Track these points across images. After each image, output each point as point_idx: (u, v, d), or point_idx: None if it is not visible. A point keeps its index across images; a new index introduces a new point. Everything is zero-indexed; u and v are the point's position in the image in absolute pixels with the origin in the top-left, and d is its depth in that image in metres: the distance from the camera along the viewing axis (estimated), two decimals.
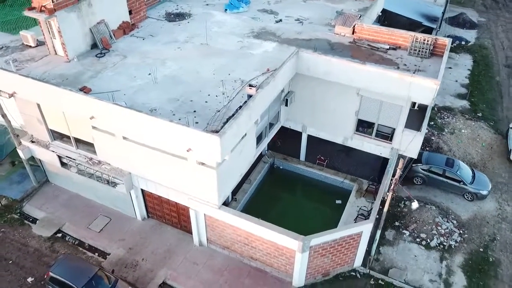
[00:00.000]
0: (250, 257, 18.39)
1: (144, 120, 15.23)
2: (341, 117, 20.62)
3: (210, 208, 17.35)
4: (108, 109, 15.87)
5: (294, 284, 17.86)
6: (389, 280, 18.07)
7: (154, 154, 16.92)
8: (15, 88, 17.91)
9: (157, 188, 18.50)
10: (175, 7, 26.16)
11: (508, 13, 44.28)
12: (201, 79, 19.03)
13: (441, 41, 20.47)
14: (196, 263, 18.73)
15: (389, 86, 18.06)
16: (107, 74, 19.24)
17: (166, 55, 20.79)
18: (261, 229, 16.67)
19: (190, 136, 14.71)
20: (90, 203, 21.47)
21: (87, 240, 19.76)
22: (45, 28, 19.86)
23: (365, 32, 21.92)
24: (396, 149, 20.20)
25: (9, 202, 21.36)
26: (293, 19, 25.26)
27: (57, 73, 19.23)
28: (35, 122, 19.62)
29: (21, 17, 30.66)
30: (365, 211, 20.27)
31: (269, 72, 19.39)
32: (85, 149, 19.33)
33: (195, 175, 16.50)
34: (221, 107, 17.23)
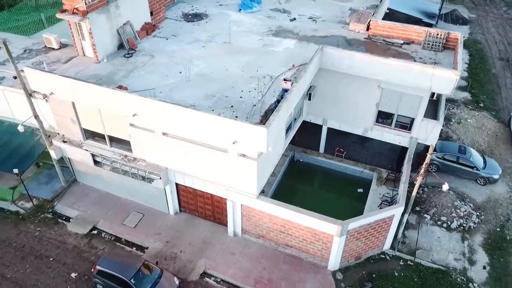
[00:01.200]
0: (286, 244, 19.24)
1: (192, 115, 15.91)
2: (362, 109, 21.65)
3: (248, 198, 18.13)
4: (153, 106, 16.48)
5: (330, 268, 18.79)
6: (417, 261, 19.17)
7: (194, 148, 17.61)
8: (53, 89, 18.32)
9: (194, 182, 19.17)
10: (190, 7, 26.82)
11: (496, 9, 46.26)
12: (231, 76, 19.79)
13: (453, 35, 21.75)
14: (233, 252, 19.47)
15: (411, 78, 19.15)
16: (139, 73, 19.82)
17: (192, 54, 21.47)
18: (300, 216, 17.55)
19: (237, 129, 15.48)
20: (120, 200, 21.95)
21: (123, 235, 20.27)
22: (75, 30, 20.31)
23: (380, 28, 23.04)
24: (415, 138, 21.37)
25: (41, 202, 21.68)
26: (306, 17, 26.25)
27: (90, 73, 19.70)
28: (68, 122, 20.04)
29: (32, 21, 30.94)
30: (388, 198, 21.34)
31: (294, 68, 20.35)
32: (119, 147, 19.87)
33: (235, 166, 17.26)
34: (255, 101, 18.04)
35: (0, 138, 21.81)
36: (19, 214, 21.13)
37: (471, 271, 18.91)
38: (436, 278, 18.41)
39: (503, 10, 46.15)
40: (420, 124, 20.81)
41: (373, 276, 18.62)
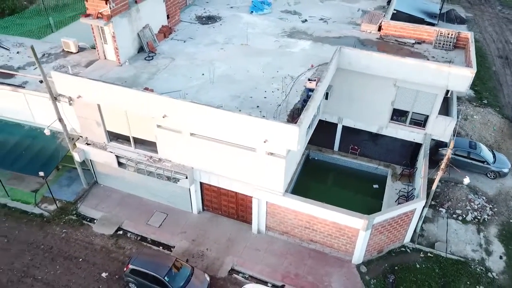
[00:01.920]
0: (310, 240, 19.78)
1: (224, 116, 16.35)
2: (377, 107, 22.29)
3: (274, 195, 18.64)
4: (185, 107, 16.88)
5: (354, 262, 19.38)
6: (436, 253, 19.86)
7: (222, 148, 18.07)
8: (81, 92, 18.61)
9: (220, 181, 19.61)
10: (203, 10, 27.25)
11: (491, 8, 47.45)
12: (252, 77, 20.28)
13: (463, 34, 22.55)
14: (258, 249, 19.96)
15: (427, 76, 19.84)
16: (163, 75, 20.21)
17: (212, 56, 21.90)
18: (326, 211, 18.12)
19: (269, 128, 15.97)
20: (143, 201, 22.29)
21: (149, 235, 20.62)
22: (97, 34, 20.61)
23: (392, 29, 23.74)
24: (430, 134, 22.09)
25: (64, 204, 21.92)
26: (317, 18, 26.86)
27: (113, 76, 20.03)
28: (92, 124, 20.33)
29: (41, 25, 31.03)
30: (405, 193, 22.00)
31: (313, 68, 20.94)
32: (144, 148, 20.23)
33: (263, 165, 17.76)
34: (279, 101, 18.57)
35: (22, 142, 21.92)
36: (43, 216, 21.34)
37: (489, 261, 19.66)
38: (456, 269, 19.12)
39: (498, 9, 47.35)
40: (435, 121, 21.55)
41: (395, 269, 19.26)
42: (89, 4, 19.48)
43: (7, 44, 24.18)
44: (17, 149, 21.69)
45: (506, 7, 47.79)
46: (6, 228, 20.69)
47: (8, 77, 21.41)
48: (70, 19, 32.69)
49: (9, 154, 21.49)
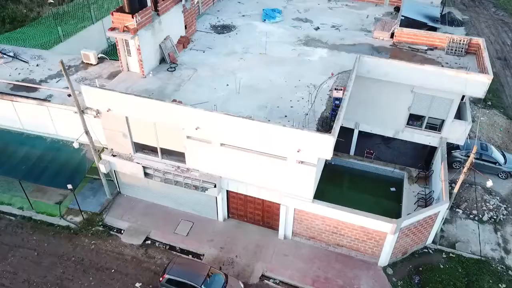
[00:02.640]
0: (337, 244, 20.34)
1: (258, 127, 16.78)
2: (394, 113, 22.94)
3: (303, 202, 19.15)
4: (218, 119, 17.25)
5: (380, 264, 19.99)
6: (458, 253, 20.59)
7: (252, 157, 18.51)
8: (111, 105, 18.85)
9: (248, 189, 20.04)
10: (216, 19, 27.63)
11: (485, 10, 48.74)
12: (276, 86, 20.75)
13: (474, 40, 23.35)
14: (286, 254, 20.43)
15: (445, 82, 20.51)
16: (188, 87, 20.55)
17: (233, 66, 22.31)
18: (355, 216, 18.69)
19: (302, 138, 16.46)
20: (167, 210, 22.58)
21: (177, 244, 20.93)
22: (121, 46, 20.84)
23: (405, 36, 24.45)
24: (445, 138, 22.83)
25: (89, 215, 22.09)
26: (329, 26, 27.48)
27: (140, 88, 20.30)
28: (119, 136, 20.57)
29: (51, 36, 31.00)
30: (423, 195, 22.69)
31: (333, 76, 21.51)
32: (171, 158, 20.54)
33: (293, 173, 18.24)
34: (306, 110, 19.08)
35: (46, 155, 22.03)
36: (70, 228, 21.50)
37: (508, 259, 20.47)
38: (478, 268, 19.87)
39: (492, 11, 48.66)
40: (451, 125, 22.30)
41: (420, 269, 19.93)
42: (115, 18, 19.72)
43: (25, 57, 24.24)
44: (42, 162, 21.80)
45: (499, 9, 49.14)
46: (35, 241, 20.81)
47: (32, 90, 21.51)
48: (74, 28, 32.64)
49: (35, 167, 21.58)
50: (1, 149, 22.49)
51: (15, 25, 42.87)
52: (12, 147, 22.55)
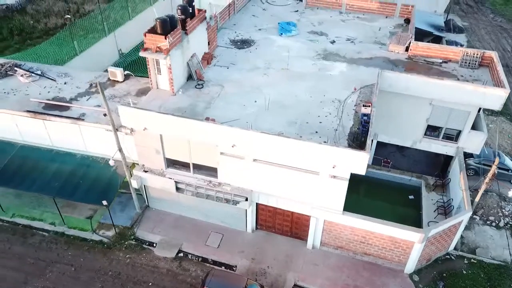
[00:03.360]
0: (364, 253, 21.18)
1: (294, 144, 17.55)
2: (413, 124, 23.84)
3: (333, 214, 19.96)
4: (254, 137, 17.99)
5: (406, 271, 20.88)
6: (479, 259, 21.56)
7: (284, 172, 19.26)
8: (147, 125, 19.47)
9: (279, 202, 20.78)
10: (235, 34, 28.32)
11: (484, 17, 50.12)
12: (302, 102, 21.53)
13: (487, 54, 24.39)
14: (316, 264, 21.23)
15: (463, 96, 21.49)
16: (218, 104, 21.23)
17: (258, 82, 23.03)
18: (383, 227, 19.55)
19: (338, 155, 17.27)
20: (196, 222, 23.23)
21: (209, 256, 21.60)
22: (152, 65, 21.44)
23: (420, 49, 25.41)
24: (462, 148, 23.81)
25: (121, 230, 22.65)
26: (344, 39, 28.36)
27: (172, 106, 20.93)
28: (151, 153, 21.17)
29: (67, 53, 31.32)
30: (442, 203, 23.63)
31: (356, 91, 22.37)
32: (202, 173, 21.20)
33: (324, 186, 19.05)
34: (335, 125, 19.90)
35: (77, 171, 22.54)
36: (103, 243, 22.04)
37: None
38: (499, 272, 20.86)
39: (490, 17, 50.05)
40: (467, 135, 23.28)
41: (443, 275, 20.86)
42: (148, 39, 20.33)
43: (51, 75, 24.71)
44: (74, 179, 22.31)
45: (497, 15, 50.55)
46: (71, 257, 21.32)
47: (64, 109, 22.02)
48: (88, 41, 33.11)
49: (67, 184, 22.09)
50: (32, 166, 22.96)
51: (24, 37, 43.34)
52: (43, 164, 23.03)
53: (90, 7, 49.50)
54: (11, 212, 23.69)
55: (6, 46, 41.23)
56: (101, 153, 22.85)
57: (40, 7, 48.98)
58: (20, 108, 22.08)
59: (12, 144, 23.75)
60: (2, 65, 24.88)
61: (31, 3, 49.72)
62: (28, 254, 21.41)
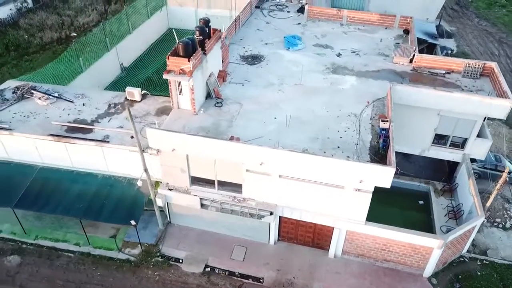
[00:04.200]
0: (384, 259, 22.20)
1: (321, 161, 18.41)
2: (421, 133, 24.99)
3: (356, 224, 20.90)
4: (282, 156, 18.76)
5: (425, 275, 22.00)
6: (490, 259, 22.86)
7: (309, 186, 20.10)
8: (175, 146, 20.01)
9: (302, 215, 21.60)
10: (243, 49, 29.02)
11: (470, 21, 52.06)
12: (320, 117, 22.42)
13: (488, 64, 25.76)
14: (339, 272, 22.14)
15: (470, 107, 22.77)
16: (239, 122, 21.92)
17: (274, 99, 23.81)
18: (404, 235, 20.61)
19: (365, 170, 18.20)
20: (219, 236, 23.84)
21: (235, 269, 22.26)
22: (174, 86, 21.97)
23: (424, 61, 26.66)
24: (468, 154, 25.12)
25: (146, 247, 23.10)
26: (349, 51, 29.40)
27: (195, 126, 21.53)
28: (176, 171, 21.70)
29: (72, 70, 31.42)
30: (452, 208, 24.86)
31: (369, 104, 23.39)
32: (226, 189, 21.84)
33: (349, 199, 19.97)
34: (354, 140, 20.86)
35: (101, 191, 22.87)
36: (130, 261, 22.46)
37: None
38: (511, 272, 22.16)
39: (475, 22, 52.02)
40: (473, 142, 24.59)
41: (459, 277, 22.06)
42: (171, 62, 20.87)
43: (68, 96, 24.93)
44: (98, 199, 22.62)
45: (482, 19, 52.56)
46: (100, 277, 21.67)
47: (87, 131, 22.34)
48: (92, 58, 33.30)
49: (92, 205, 22.38)
50: (54, 187, 23.16)
51: (20, 52, 43.00)
52: (65, 185, 23.27)
53: (84, 19, 49.37)
54: (34, 234, 23.85)
55: (3, 63, 40.92)
56: (123, 172, 23.26)
57: (33, 21, 48.52)
58: (43, 131, 22.30)
59: (31, 166, 23.89)
60: (17, 88, 24.96)
61: (23, 17, 49.24)
62: (57, 276, 21.67)
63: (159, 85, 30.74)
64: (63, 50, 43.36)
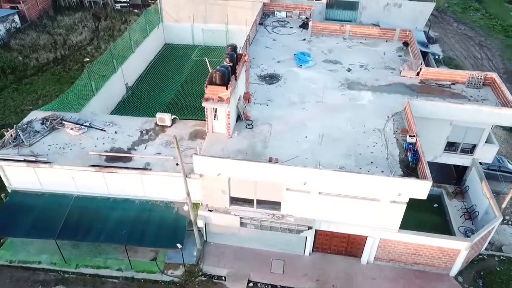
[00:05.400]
0: (414, 262, 23.95)
1: (365, 179, 19.88)
2: (435, 142, 26.85)
3: (389, 233, 22.53)
4: (325, 175, 20.13)
5: (451, 274, 23.91)
6: (507, 255, 25.05)
7: (347, 201, 21.55)
8: (221, 170, 21.01)
9: (338, 227, 23.03)
10: (259, 69, 30.14)
11: (449, 26, 55.13)
12: (347, 134, 23.87)
13: (489, 75, 28.00)
14: (374, 277, 23.72)
15: (481, 117, 24.85)
16: (273, 143, 23.07)
17: (300, 117, 25.08)
18: (435, 239, 22.41)
19: (404, 185, 19.80)
20: (256, 251, 24.94)
21: (277, 282, 23.45)
22: (210, 112, 22.88)
23: (431, 74, 28.65)
24: (477, 159, 27.27)
25: (188, 267, 23.93)
26: (357, 66, 31.05)
27: (233, 149, 22.53)
28: (217, 193, 22.69)
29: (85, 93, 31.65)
30: (466, 209, 26.90)
31: (390, 118, 25.09)
32: (265, 207, 22.99)
33: (384, 211, 21.55)
34: (384, 154, 22.44)
35: (141, 216, 23.51)
36: (175, 282, 23.25)
37: None
38: None
39: (455, 26, 55.13)
40: (482, 148, 26.75)
41: (481, 274, 24.08)
42: (209, 90, 21.80)
43: (98, 124, 25.36)
44: (139, 224, 23.26)
45: (460, 23, 55.76)
46: None
47: (127, 160, 22.95)
48: (102, 80, 33.64)
49: (134, 230, 23.01)
50: (93, 216, 23.62)
51: (18, 75, 42.54)
52: (104, 213, 23.78)
53: (77, 37, 49.12)
54: (74, 263, 24.20)
55: (2, 87, 40.43)
56: (160, 196, 24.00)
57: (24, 42, 47.99)
58: (82, 162, 22.75)
59: (66, 196, 24.27)
60: (46, 119, 25.19)
61: (14, 37, 48.52)
62: None
63: (182, 108, 31.58)
64: (61, 71, 43.56)
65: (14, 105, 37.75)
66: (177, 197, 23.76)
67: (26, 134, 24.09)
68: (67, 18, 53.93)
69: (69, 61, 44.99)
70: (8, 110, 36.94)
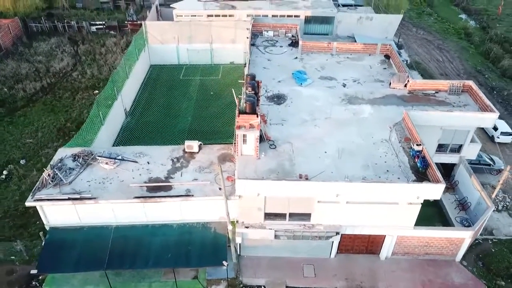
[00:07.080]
0: (425, 253, 27.45)
1: (390, 187, 22.95)
2: (428, 145, 30.42)
3: (406, 230, 25.83)
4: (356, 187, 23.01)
5: (457, 260, 27.65)
6: (498, 238, 29.22)
7: (370, 206, 24.57)
8: (260, 191, 23.31)
9: (362, 229, 26.03)
10: (264, 90, 32.53)
11: (409, 31, 60.18)
12: (360, 146, 26.88)
13: (466, 83, 32.20)
14: (394, 270, 26.95)
15: (466, 121, 28.83)
16: (299, 160, 25.64)
17: (315, 134, 27.82)
18: (446, 232, 25.99)
19: (422, 189, 23.07)
20: (286, 259, 27.40)
21: (312, 285, 26.04)
22: (240, 137, 25.04)
23: (417, 85, 32.44)
24: (464, 156, 31.35)
25: (228, 281, 25.98)
26: (350, 81, 34.34)
27: (264, 169, 24.80)
28: (253, 211, 24.96)
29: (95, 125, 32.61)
30: (458, 201, 30.85)
31: (391, 129, 28.45)
32: (295, 219, 25.53)
33: (402, 211, 24.79)
34: (395, 163, 25.67)
35: (182, 239, 25.17)
36: None
37: None
38: None
39: (414, 31, 60.27)
40: (467, 147, 30.83)
41: (480, 256, 28.03)
42: (241, 119, 24.04)
43: (128, 156, 26.70)
44: (182, 247, 24.94)
45: (419, 28, 61.01)
46: None
47: (167, 188, 24.60)
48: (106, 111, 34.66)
49: (179, 253, 24.65)
50: (136, 243, 24.98)
51: (8, 108, 42.15)
52: (145, 240, 25.22)
53: (59, 64, 49.05)
54: None
55: None
56: (196, 218, 25.81)
57: (5, 72, 47.32)
58: (125, 195, 24.13)
59: (105, 227, 25.48)
60: (78, 156, 26.19)
61: None
62: None
63: (201, 134, 33.53)
64: (52, 100, 43.67)
65: (13, 139, 37.72)
66: (213, 218, 25.71)
67: (63, 172, 25.06)
68: (43, 43, 53.53)
69: (57, 89, 45.08)
70: (9, 145, 36.90)
